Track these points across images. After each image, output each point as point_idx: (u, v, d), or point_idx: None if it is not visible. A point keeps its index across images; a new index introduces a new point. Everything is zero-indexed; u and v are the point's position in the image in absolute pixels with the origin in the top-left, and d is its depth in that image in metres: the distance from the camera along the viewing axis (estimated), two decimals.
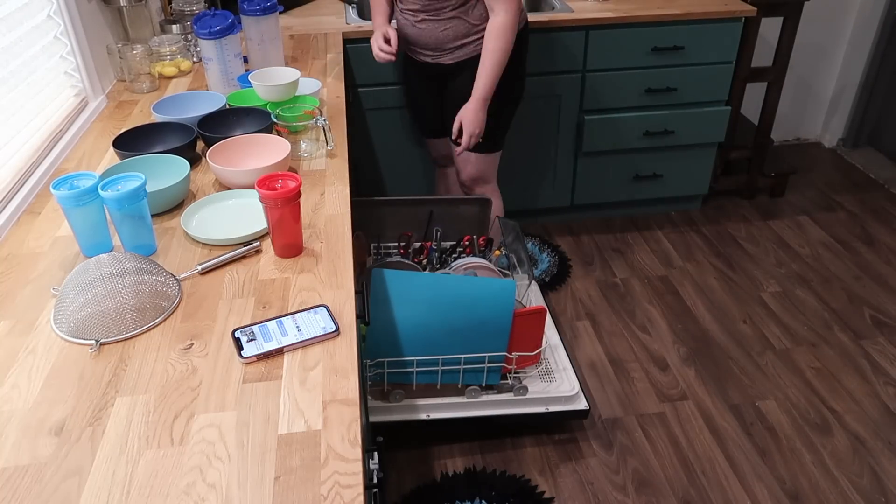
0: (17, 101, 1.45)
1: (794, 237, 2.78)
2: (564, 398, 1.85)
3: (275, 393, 0.93)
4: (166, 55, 1.99)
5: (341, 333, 1.02)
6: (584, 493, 1.79)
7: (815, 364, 2.17)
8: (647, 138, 2.63)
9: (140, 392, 0.93)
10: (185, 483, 0.81)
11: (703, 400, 2.05)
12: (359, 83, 2.37)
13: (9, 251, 1.23)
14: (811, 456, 1.88)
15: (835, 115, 3.42)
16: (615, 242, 2.77)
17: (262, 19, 1.84)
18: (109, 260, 1.05)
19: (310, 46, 2.19)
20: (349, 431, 0.86)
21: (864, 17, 3.14)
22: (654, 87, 2.53)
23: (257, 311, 1.07)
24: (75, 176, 1.16)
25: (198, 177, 1.46)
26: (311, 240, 1.24)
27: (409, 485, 1.81)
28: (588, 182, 2.73)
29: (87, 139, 1.63)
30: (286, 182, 1.15)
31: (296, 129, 1.51)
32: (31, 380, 0.96)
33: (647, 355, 2.21)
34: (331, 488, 0.79)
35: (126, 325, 1.03)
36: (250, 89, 1.73)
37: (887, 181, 3.15)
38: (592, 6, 2.44)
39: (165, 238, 1.26)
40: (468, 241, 2.04)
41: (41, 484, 0.81)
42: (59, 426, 0.89)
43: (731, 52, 2.50)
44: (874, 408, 2.02)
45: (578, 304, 2.43)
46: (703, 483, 1.81)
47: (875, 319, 2.35)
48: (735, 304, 2.42)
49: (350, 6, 2.49)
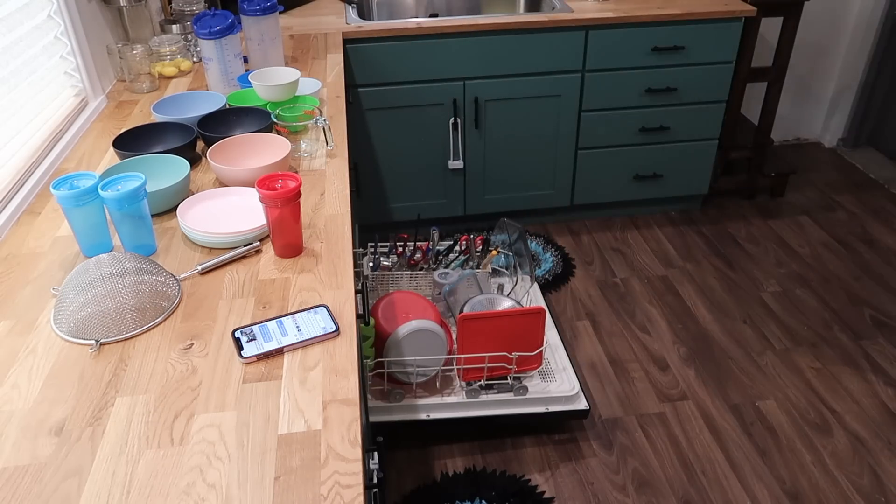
0: (17, 101, 1.45)
1: (794, 237, 2.78)
2: (564, 398, 1.85)
3: (275, 393, 0.93)
4: (166, 55, 1.99)
5: (341, 333, 1.02)
6: (584, 493, 1.79)
7: (815, 364, 2.17)
8: (644, 134, 2.63)
9: (140, 392, 0.93)
10: (185, 483, 0.81)
11: (703, 400, 2.05)
12: (359, 83, 2.37)
13: (9, 251, 1.23)
14: (811, 456, 1.88)
15: (835, 115, 3.42)
16: (615, 242, 2.77)
17: (262, 19, 1.84)
18: (109, 260, 1.05)
19: (310, 46, 2.19)
20: (349, 431, 0.86)
21: (864, 17, 3.14)
22: (654, 87, 2.53)
23: (257, 311, 1.07)
24: (75, 176, 1.16)
25: (198, 177, 1.46)
26: (311, 240, 1.24)
27: (409, 485, 1.81)
28: (588, 182, 2.73)
29: (87, 139, 1.63)
30: (286, 182, 1.15)
31: (296, 129, 1.51)
32: (31, 380, 0.96)
33: (647, 355, 2.21)
34: (331, 488, 0.79)
35: (126, 325, 1.03)
36: (250, 89, 1.73)
37: (887, 181, 3.15)
38: (592, 6, 2.44)
39: (165, 238, 1.26)
40: (465, 242, 2.04)
41: (41, 484, 0.81)
42: (59, 426, 0.88)
43: (731, 51, 2.50)
44: (874, 408, 2.02)
45: (578, 304, 2.43)
46: (703, 483, 1.81)
47: (875, 319, 2.35)
48: (735, 304, 2.42)
49: (350, 6, 2.49)
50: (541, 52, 2.40)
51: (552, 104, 2.52)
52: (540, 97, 2.49)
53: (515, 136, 2.57)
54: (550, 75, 2.46)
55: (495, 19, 2.33)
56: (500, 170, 2.65)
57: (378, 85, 2.39)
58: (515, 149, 2.60)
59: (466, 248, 2.17)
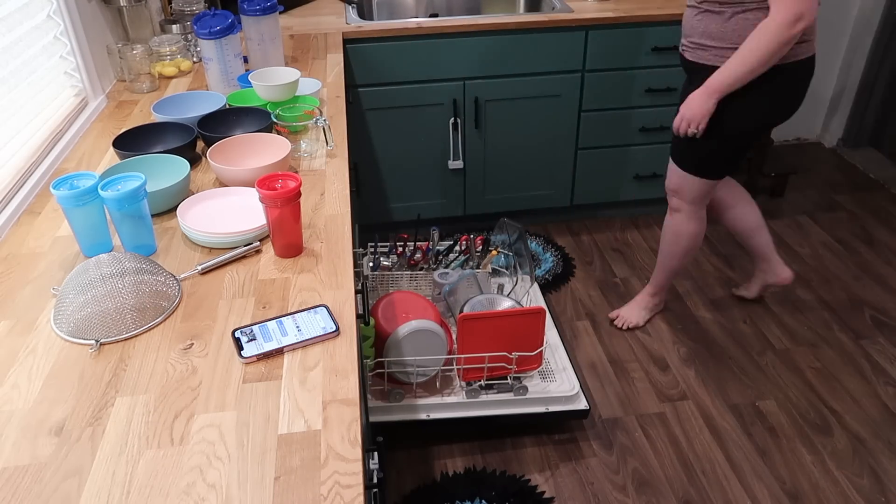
0: (17, 101, 1.45)
1: (794, 237, 2.78)
2: (564, 398, 1.85)
3: (275, 393, 0.93)
4: (166, 55, 1.99)
5: (341, 333, 1.02)
6: (584, 493, 1.79)
7: (815, 364, 2.17)
8: (644, 134, 2.63)
9: (140, 392, 0.93)
10: (185, 483, 0.81)
11: (703, 400, 2.05)
12: (359, 83, 2.37)
13: (9, 251, 1.23)
14: (811, 456, 1.88)
15: (835, 115, 3.42)
16: (615, 242, 2.77)
17: (262, 19, 1.84)
18: (109, 260, 1.05)
19: (310, 46, 2.19)
20: (349, 431, 0.86)
21: (864, 17, 3.14)
22: (654, 87, 2.53)
23: (257, 311, 1.07)
24: (75, 176, 1.16)
25: (198, 177, 1.46)
26: (311, 240, 1.24)
27: (409, 485, 1.81)
28: (588, 182, 2.73)
29: (87, 139, 1.63)
30: (286, 182, 1.15)
31: (296, 129, 1.51)
32: (31, 380, 0.96)
33: (647, 355, 2.21)
34: (331, 488, 0.79)
35: (126, 325, 1.03)
36: (250, 89, 1.73)
37: (887, 181, 3.15)
38: (592, 6, 2.44)
39: (165, 238, 1.26)
40: (465, 242, 2.04)
41: (41, 484, 0.81)
42: (59, 426, 0.88)
43: None
44: (874, 408, 2.02)
45: (578, 304, 2.43)
46: (703, 483, 1.81)
47: (875, 319, 2.35)
48: (735, 304, 2.42)
49: (350, 6, 2.49)
50: (541, 52, 2.40)
51: (552, 104, 2.52)
52: (540, 97, 2.49)
53: (515, 136, 2.57)
54: (550, 75, 2.46)
55: (495, 19, 2.33)
56: (500, 170, 2.65)
57: (378, 85, 2.39)
58: (515, 149, 2.60)
59: (466, 248, 2.17)
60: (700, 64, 1.75)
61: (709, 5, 1.68)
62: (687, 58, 1.80)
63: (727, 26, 1.66)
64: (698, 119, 1.74)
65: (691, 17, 1.75)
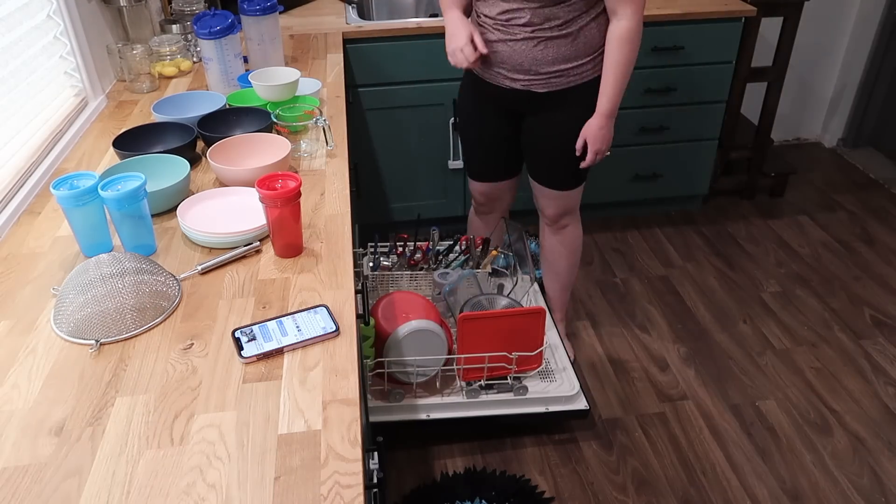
0: (17, 101, 1.45)
1: (794, 237, 2.78)
2: (564, 398, 1.85)
3: (275, 393, 0.93)
4: (166, 55, 1.99)
5: (341, 333, 1.02)
6: (584, 493, 1.79)
7: (815, 364, 2.17)
8: (643, 134, 2.63)
9: (140, 392, 0.93)
10: (185, 483, 0.81)
11: (703, 400, 2.05)
12: (359, 83, 2.37)
13: (9, 251, 1.23)
14: (811, 456, 1.88)
15: (835, 115, 3.42)
16: (615, 242, 2.77)
17: (262, 19, 1.84)
18: (109, 260, 1.05)
19: (310, 46, 2.19)
20: (349, 431, 0.86)
21: (864, 17, 3.14)
22: (654, 87, 2.53)
23: (257, 311, 1.07)
24: (75, 176, 1.16)
25: (198, 177, 1.46)
26: (311, 240, 1.24)
27: (409, 485, 1.81)
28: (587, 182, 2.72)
29: (87, 139, 1.63)
30: (286, 182, 1.15)
31: (296, 129, 1.51)
32: (31, 380, 0.96)
33: (647, 355, 2.21)
34: (331, 488, 0.79)
35: (126, 325, 1.03)
36: (250, 89, 1.73)
37: (887, 181, 3.15)
38: None
39: (165, 238, 1.26)
40: (465, 242, 2.04)
41: (41, 484, 0.81)
42: (59, 426, 0.88)
43: (731, 52, 2.50)
44: (874, 408, 2.02)
45: (578, 304, 2.43)
46: (703, 483, 1.81)
47: (875, 319, 2.35)
48: (735, 304, 2.42)
49: (350, 6, 2.49)
50: None
51: None
52: None
53: None
54: None
55: None
56: None
57: (378, 85, 2.39)
58: None
59: (466, 248, 2.17)
60: (564, 89, 1.70)
61: (547, 31, 1.61)
62: (540, 91, 1.70)
63: (577, 44, 1.63)
64: (608, 143, 1.76)
65: (529, 49, 1.64)
